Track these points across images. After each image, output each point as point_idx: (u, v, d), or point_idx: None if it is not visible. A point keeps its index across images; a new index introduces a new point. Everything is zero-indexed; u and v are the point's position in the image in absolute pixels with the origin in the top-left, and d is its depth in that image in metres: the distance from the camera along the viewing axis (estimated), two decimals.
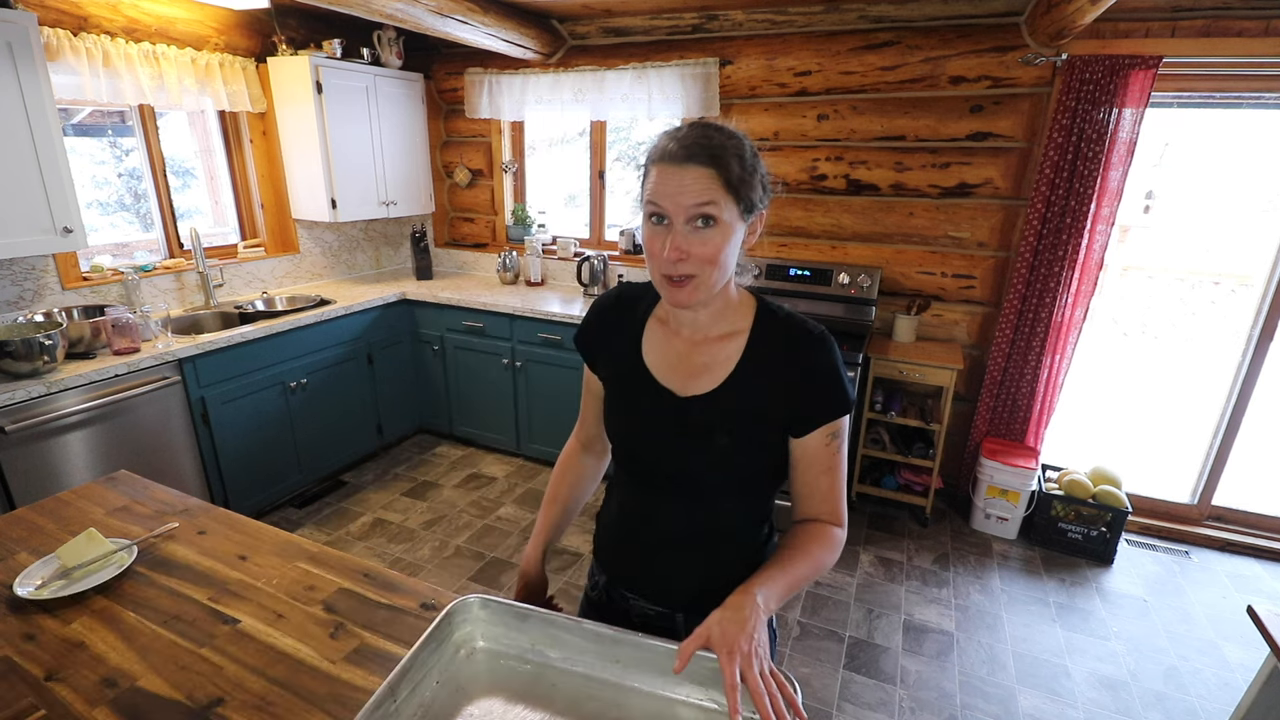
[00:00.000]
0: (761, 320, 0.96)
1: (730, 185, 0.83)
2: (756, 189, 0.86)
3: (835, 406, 0.92)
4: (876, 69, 2.92)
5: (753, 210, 0.87)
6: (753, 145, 0.88)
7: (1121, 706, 2.09)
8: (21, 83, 2.12)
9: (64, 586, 1.14)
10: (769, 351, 0.94)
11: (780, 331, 0.95)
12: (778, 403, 0.93)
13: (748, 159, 0.85)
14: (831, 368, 0.92)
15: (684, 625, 1.05)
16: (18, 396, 2.06)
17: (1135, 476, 3.11)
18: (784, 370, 0.93)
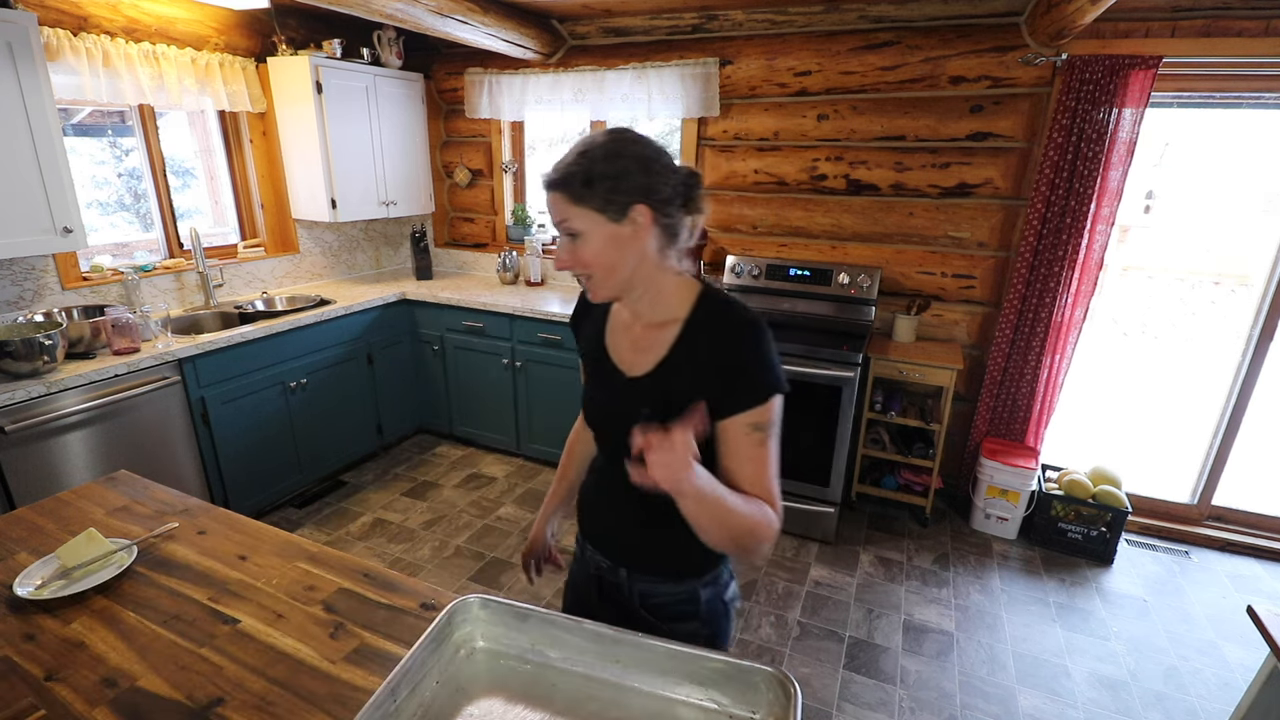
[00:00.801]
0: (698, 309, 1.02)
1: (578, 200, 0.93)
2: (611, 194, 0.93)
3: (753, 396, 0.95)
4: (876, 69, 2.92)
5: (622, 212, 0.93)
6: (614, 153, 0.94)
7: (1121, 706, 2.09)
8: (21, 83, 2.12)
9: (64, 586, 1.14)
10: (700, 338, 1.00)
11: (713, 319, 1.01)
12: (702, 387, 0.97)
13: (596, 172, 0.92)
14: (754, 357, 0.96)
15: (627, 579, 1.14)
16: (18, 396, 2.06)
17: (1135, 476, 3.11)
18: (711, 357, 0.98)
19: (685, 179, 0.99)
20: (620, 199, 0.93)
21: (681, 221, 1.00)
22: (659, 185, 0.95)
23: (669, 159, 0.98)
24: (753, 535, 0.95)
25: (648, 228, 0.95)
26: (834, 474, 2.80)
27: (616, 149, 0.95)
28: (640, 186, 0.94)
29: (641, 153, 0.95)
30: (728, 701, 0.91)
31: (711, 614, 1.13)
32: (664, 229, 0.98)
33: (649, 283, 1.01)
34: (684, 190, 0.98)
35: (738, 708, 0.91)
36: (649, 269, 0.99)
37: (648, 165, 0.95)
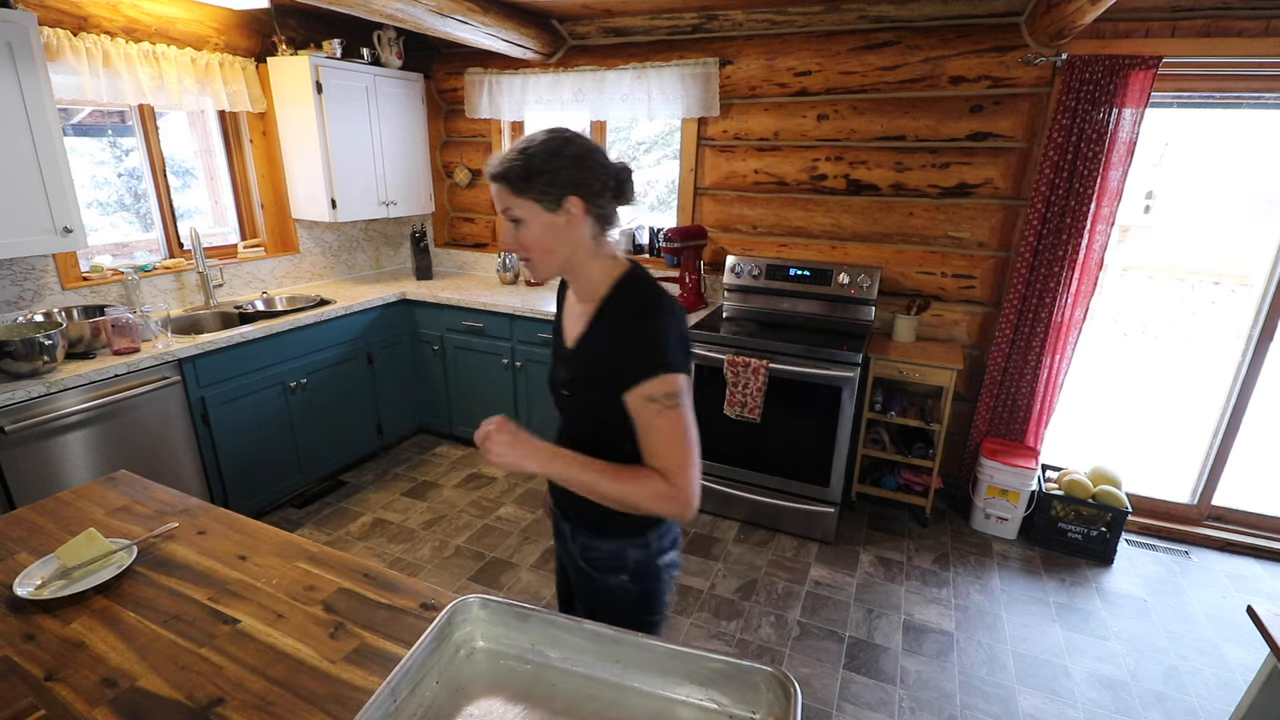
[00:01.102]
0: (614, 290, 1.13)
1: (519, 192, 1.05)
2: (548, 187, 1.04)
3: (642, 371, 1.05)
4: (876, 69, 2.92)
5: (557, 203, 1.05)
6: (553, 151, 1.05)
7: (1121, 706, 2.09)
8: (21, 83, 2.11)
9: (64, 586, 1.14)
10: (608, 317, 1.12)
11: (620, 301, 1.12)
12: (607, 363, 1.09)
13: (535, 167, 1.04)
14: (650, 334, 1.06)
15: (570, 533, 1.27)
16: (18, 396, 2.06)
17: (1135, 476, 3.10)
18: (611, 334, 1.10)
19: (616, 174, 1.10)
20: (556, 191, 1.04)
21: (613, 211, 1.12)
22: (591, 180, 1.06)
23: (602, 156, 1.08)
24: (635, 505, 1.07)
25: (581, 217, 1.07)
26: (834, 474, 2.80)
27: (554, 147, 1.05)
28: (574, 181, 1.05)
29: (576, 151, 1.06)
30: (728, 701, 0.91)
31: (641, 573, 1.23)
32: (597, 218, 1.09)
33: (583, 265, 1.12)
34: (615, 184, 1.10)
35: (738, 708, 0.91)
36: (583, 254, 1.11)
37: (581, 162, 1.05)
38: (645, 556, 1.23)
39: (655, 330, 1.06)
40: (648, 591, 1.25)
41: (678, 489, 1.06)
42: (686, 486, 1.07)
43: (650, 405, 1.06)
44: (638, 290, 1.12)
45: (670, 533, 1.27)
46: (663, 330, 1.06)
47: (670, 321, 1.08)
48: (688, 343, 1.11)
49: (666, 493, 1.06)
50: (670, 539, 1.27)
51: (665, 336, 1.06)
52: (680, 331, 1.09)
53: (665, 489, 1.06)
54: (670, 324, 1.08)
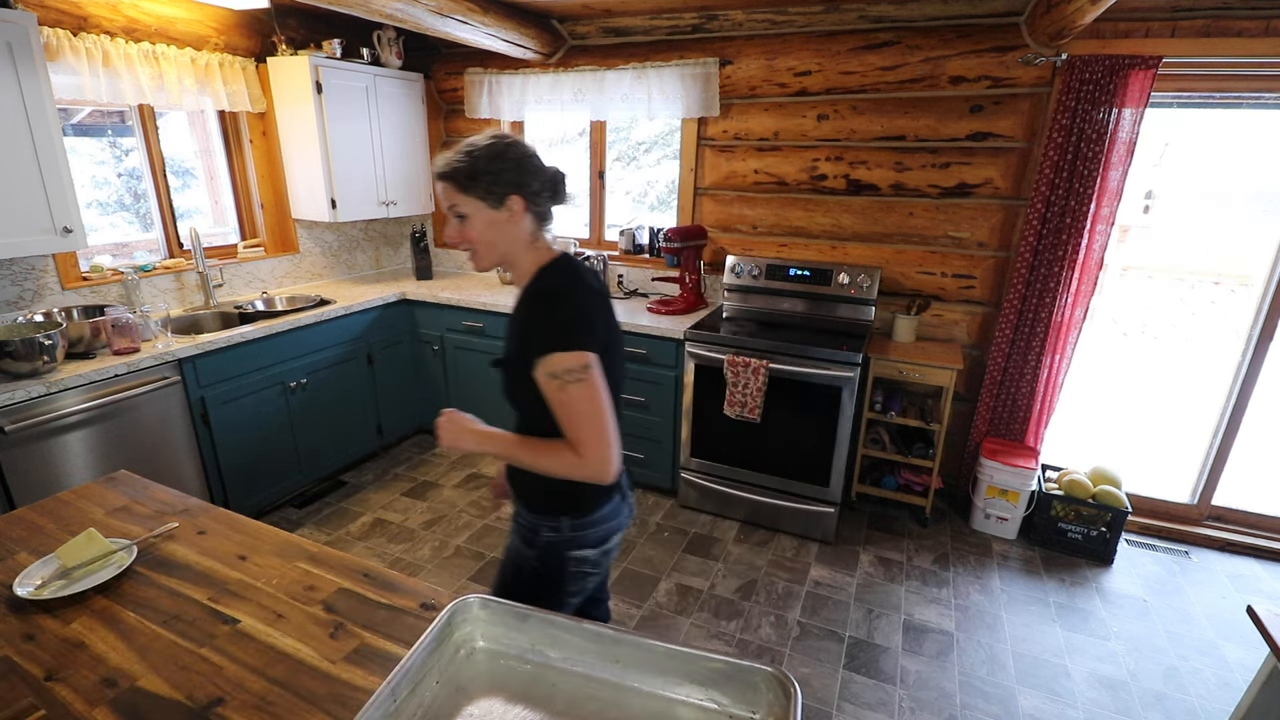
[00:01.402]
0: (535, 277, 1.22)
1: (464, 190, 1.15)
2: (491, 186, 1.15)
3: (538, 348, 1.13)
4: (876, 69, 2.92)
5: (500, 201, 1.16)
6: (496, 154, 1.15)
7: (1121, 706, 2.09)
8: (21, 83, 2.11)
9: (64, 586, 1.14)
10: (524, 301, 1.22)
11: (535, 285, 1.21)
12: (519, 343, 1.19)
13: (479, 168, 1.14)
14: (551, 313, 1.16)
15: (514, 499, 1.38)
16: (17, 396, 2.06)
17: (1135, 476, 3.10)
18: (524, 316, 1.20)
19: (553, 176, 1.21)
20: (499, 190, 1.15)
21: (549, 209, 1.23)
22: (530, 180, 1.17)
23: (539, 161, 1.20)
24: (554, 473, 1.18)
25: (521, 214, 1.18)
26: (834, 474, 2.80)
27: (497, 150, 1.15)
28: (515, 181, 1.16)
29: (517, 154, 1.16)
30: (728, 701, 0.91)
31: (548, 555, 1.31)
32: (535, 215, 1.20)
33: (518, 256, 1.23)
34: (551, 186, 1.21)
35: (738, 708, 0.91)
36: (520, 247, 1.22)
37: (521, 164, 1.16)
38: (555, 540, 1.30)
39: (557, 310, 1.16)
40: (548, 575, 1.32)
41: (585, 459, 1.14)
42: (593, 456, 1.14)
43: (553, 381, 1.13)
44: (550, 275, 1.21)
45: (594, 530, 1.31)
46: (564, 310, 1.15)
47: (574, 302, 1.17)
48: (593, 323, 1.17)
49: (576, 463, 1.15)
50: (595, 536, 1.32)
51: (566, 315, 1.15)
52: (585, 312, 1.17)
53: (574, 459, 1.15)
54: (573, 304, 1.17)
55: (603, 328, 1.20)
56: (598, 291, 1.23)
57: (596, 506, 1.30)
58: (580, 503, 1.28)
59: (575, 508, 1.29)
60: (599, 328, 1.18)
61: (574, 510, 1.29)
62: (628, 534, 2.96)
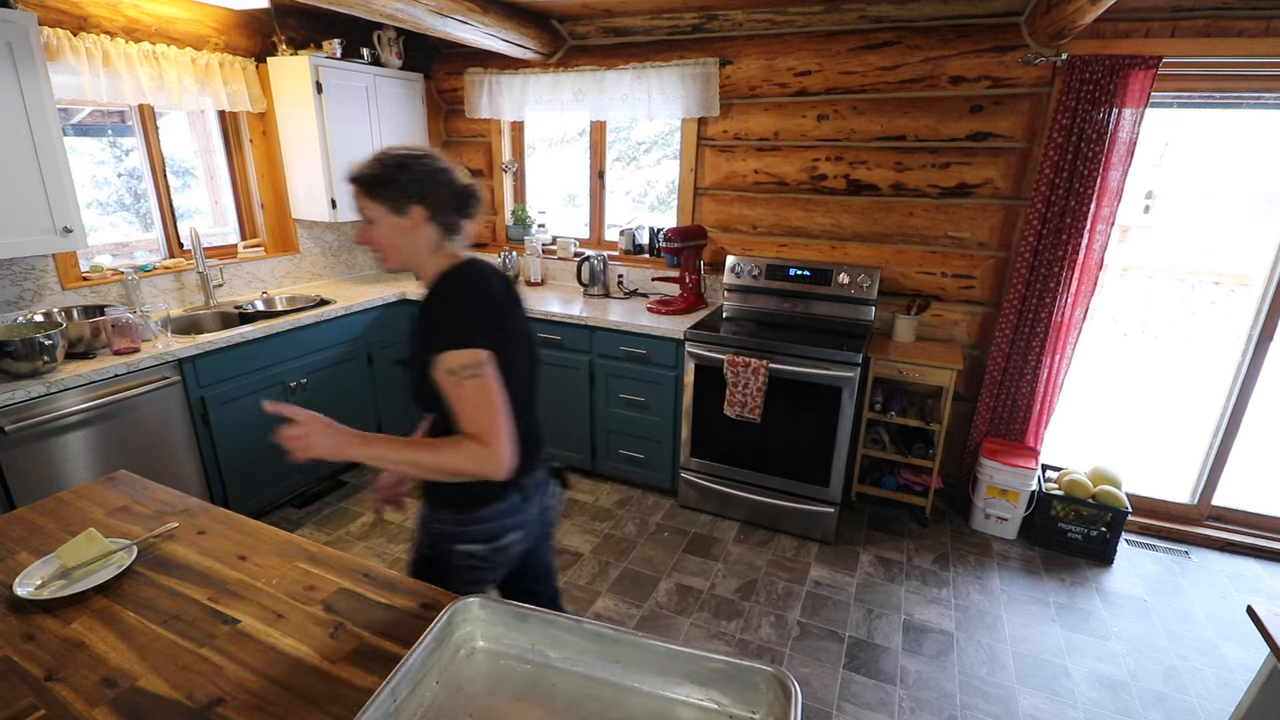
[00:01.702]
0: (437, 280, 1.26)
1: (372, 196, 1.21)
2: (396, 195, 1.21)
3: (434, 346, 1.17)
4: (876, 69, 2.92)
5: (403, 209, 1.21)
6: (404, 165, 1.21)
7: (1121, 706, 2.09)
8: (21, 83, 2.11)
9: (64, 586, 1.14)
10: (425, 302, 1.25)
11: (436, 287, 1.25)
12: (419, 345, 1.22)
13: (387, 177, 1.20)
14: (448, 313, 1.20)
15: None
16: (18, 396, 2.06)
17: (1135, 476, 3.10)
18: (424, 316, 1.23)
19: (460, 191, 1.26)
20: (403, 200, 1.21)
21: (458, 223, 1.27)
22: (433, 193, 1.22)
23: (449, 175, 1.25)
24: (455, 469, 1.18)
25: (423, 223, 1.23)
26: (834, 474, 2.80)
27: (405, 161, 1.21)
28: (419, 193, 1.21)
29: (425, 167, 1.22)
30: (728, 701, 0.91)
31: (438, 549, 1.36)
32: (440, 225, 1.25)
33: (423, 261, 1.28)
34: (457, 201, 1.26)
35: (738, 708, 0.91)
36: (423, 254, 1.26)
37: (427, 178, 1.22)
38: (443, 534, 1.35)
39: (453, 309, 1.21)
40: (438, 565, 1.37)
41: (490, 449, 1.17)
42: (496, 447, 1.17)
43: (451, 378, 1.17)
44: (450, 278, 1.26)
45: (482, 526, 1.33)
46: (460, 310, 1.20)
47: (469, 303, 1.21)
48: (489, 323, 1.21)
49: (481, 453, 1.16)
50: (483, 532, 1.34)
51: (462, 315, 1.20)
52: (481, 312, 1.21)
53: (479, 449, 1.16)
54: (469, 305, 1.21)
55: (502, 328, 1.23)
56: (499, 294, 1.27)
57: (482, 504, 1.32)
58: (463, 497, 1.30)
59: (458, 504, 1.32)
60: (496, 328, 1.22)
61: (456, 506, 1.32)
62: (628, 533, 2.96)
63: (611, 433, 3.27)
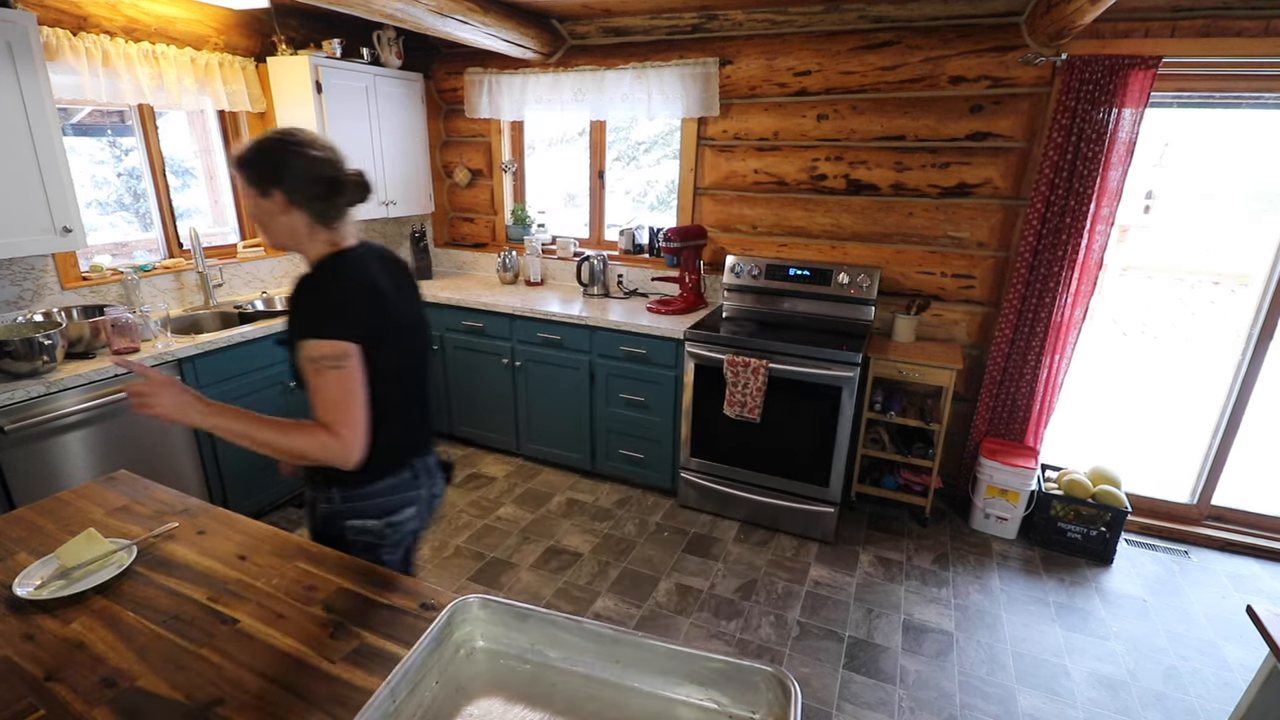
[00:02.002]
0: (311, 269, 1.27)
1: (241, 174, 1.25)
2: (257, 177, 1.23)
3: (304, 333, 1.19)
4: (876, 69, 2.92)
5: (265, 191, 1.23)
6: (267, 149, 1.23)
7: (1121, 706, 2.09)
8: (21, 83, 2.11)
9: (64, 586, 1.14)
10: (294, 290, 1.25)
11: (306, 276, 1.25)
12: (289, 328, 1.24)
13: (250, 159, 1.23)
14: (312, 303, 1.22)
15: None
16: (17, 396, 2.06)
17: (1135, 476, 3.10)
18: (291, 304, 1.24)
19: (327, 179, 1.25)
20: (264, 182, 1.23)
21: (331, 210, 1.27)
22: (293, 179, 1.22)
23: (316, 162, 1.24)
24: (302, 453, 1.20)
25: (284, 209, 1.24)
26: (834, 474, 2.80)
27: (271, 147, 1.23)
28: (277, 177, 1.22)
29: (288, 153, 1.23)
30: (728, 701, 0.91)
31: (328, 528, 1.37)
32: (309, 212, 1.25)
33: (300, 245, 1.29)
34: (324, 188, 1.24)
35: (738, 708, 0.91)
36: (299, 236, 1.27)
37: (287, 164, 1.22)
38: (330, 513, 1.36)
39: (320, 298, 1.22)
40: (332, 545, 1.36)
41: (340, 440, 1.19)
42: (346, 439, 1.20)
43: (310, 365, 1.19)
44: (325, 266, 1.27)
45: (373, 501, 1.36)
46: (326, 299, 1.22)
47: (336, 294, 1.22)
48: (356, 315, 1.22)
49: (329, 443, 1.19)
50: (374, 507, 1.36)
51: (327, 305, 1.21)
52: (348, 304, 1.22)
53: (328, 439, 1.19)
54: (335, 296, 1.22)
55: (371, 320, 1.24)
56: (378, 285, 1.27)
57: (371, 480, 1.33)
58: (352, 476, 1.29)
59: (343, 480, 1.32)
60: (362, 320, 1.23)
61: (342, 482, 1.33)
62: (628, 533, 2.96)
63: (611, 433, 3.27)
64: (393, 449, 1.36)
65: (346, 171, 1.28)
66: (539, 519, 3.08)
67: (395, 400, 1.33)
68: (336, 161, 1.27)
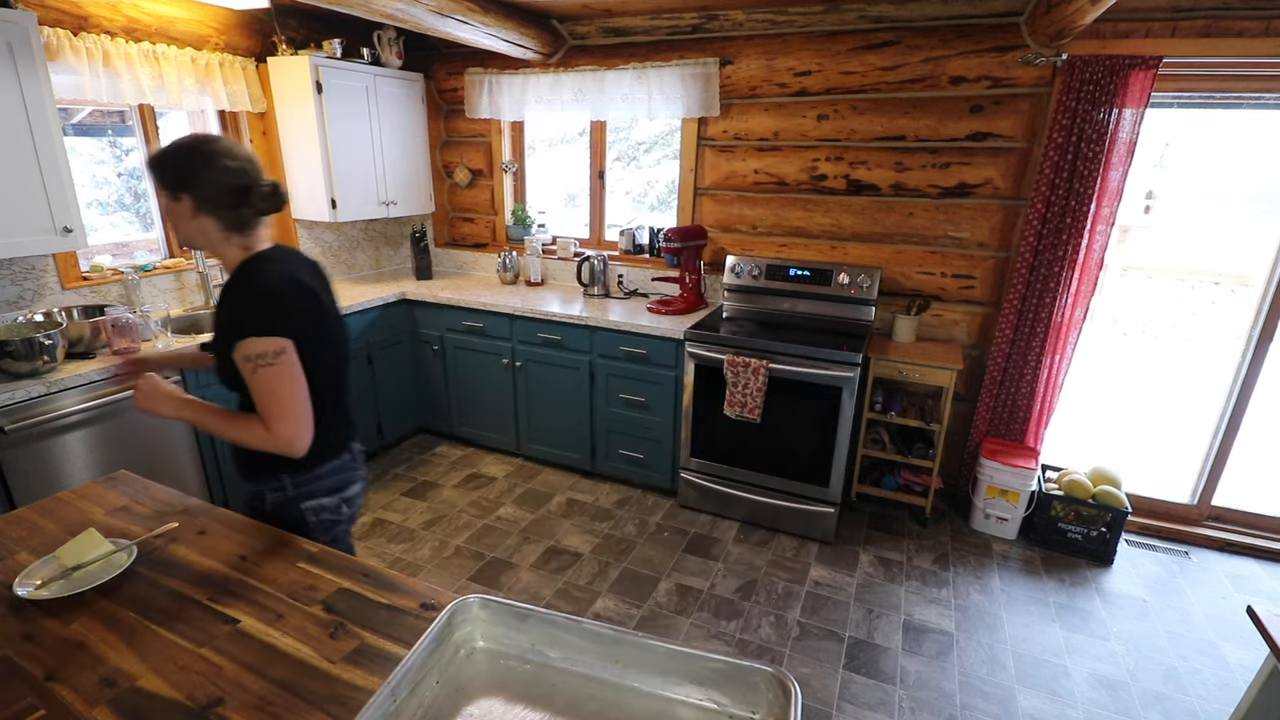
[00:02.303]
0: (236, 271, 1.34)
1: (153, 175, 1.28)
2: (167, 181, 1.27)
3: (238, 333, 1.26)
4: (876, 69, 2.92)
5: (175, 195, 1.27)
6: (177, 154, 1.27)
7: (1121, 707, 2.09)
8: (21, 83, 2.11)
9: (64, 587, 1.14)
10: (224, 293, 1.34)
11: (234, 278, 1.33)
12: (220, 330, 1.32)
13: (159, 162, 1.27)
14: (244, 304, 1.29)
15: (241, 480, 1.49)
16: (17, 396, 2.06)
17: (1135, 476, 3.10)
18: (223, 306, 1.33)
19: (236, 188, 1.28)
20: (173, 187, 1.27)
21: (242, 217, 1.31)
22: (201, 185, 1.26)
23: (225, 170, 1.27)
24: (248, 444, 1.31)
25: (193, 213, 1.28)
26: (834, 474, 2.80)
27: (178, 151, 1.27)
28: (186, 183, 1.26)
29: (196, 159, 1.26)
30: (727, 701, 0.91)
31: (282, 515, 1.42)
32: (219, 219, 1.29)
33: (216, 248, 1.34)
34: (232, 197, 1.28)
35: (737, 708, 0.91)
36: (213, 239, 1.32)
37: (195, 169, 1.26)
38: (283, 500, 1.42)
39: (250, 299, 1.28)
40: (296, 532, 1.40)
41: (273, 434, 1.28)
42: (281, 433, 1.28)
43: (246, 364, 1.26)
44: (249, 268, 1.33)
45: (325, 480, 1.45)
46: (257, 299, 1.28)
47: (266, 294, 1.28)
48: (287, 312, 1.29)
49: (266, 436, 1.28)
50: (327, 486, 1.45)
51: (259, 305, 1.27)
52: (279, 302, 1.28)
53: (264, 433, 1.28)
54: (265, 295, 1.28)
55: (304, 317, 1.32)
56: (303, 285, 1.34)
57: (319, 463, 1.43)
58: (301, 462, 1.38)
59: (294, 466, 1.39)
60: (295, 317, 1.30)
61: (294, 469, 1.41)
62: (628, 534, 2.96)
63: (611, 433, 3.28)
64: (335, 434, 1.48)
65: (259, 182, 1.31)
66: (539, 519, 3.08)
67: (334, 390, 1.46)
68: (250, 172, 1.30)
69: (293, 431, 1.29)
